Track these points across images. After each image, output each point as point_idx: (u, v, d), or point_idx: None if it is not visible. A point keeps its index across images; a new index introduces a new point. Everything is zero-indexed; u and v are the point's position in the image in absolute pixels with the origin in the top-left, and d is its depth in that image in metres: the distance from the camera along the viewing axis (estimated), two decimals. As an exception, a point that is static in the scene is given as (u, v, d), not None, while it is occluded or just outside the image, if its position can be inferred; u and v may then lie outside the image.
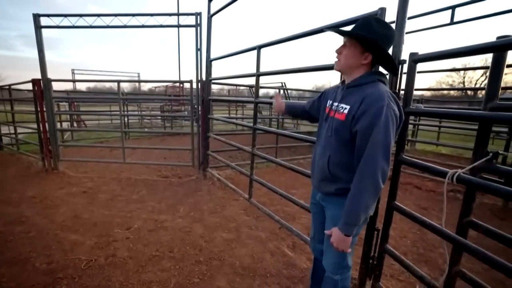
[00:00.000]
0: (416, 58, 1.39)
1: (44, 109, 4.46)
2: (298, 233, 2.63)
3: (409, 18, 1.47)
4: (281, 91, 10.97)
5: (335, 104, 1.32)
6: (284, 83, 11.33)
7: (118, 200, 3.71)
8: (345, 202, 1.22)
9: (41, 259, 2.38)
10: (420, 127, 7.93)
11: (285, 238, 2.79)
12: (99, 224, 3.03)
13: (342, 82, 1.37)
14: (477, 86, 24.03)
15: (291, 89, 11.00)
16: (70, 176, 4.60)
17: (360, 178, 1.16)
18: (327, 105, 1.39)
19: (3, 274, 2.18)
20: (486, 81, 1.22)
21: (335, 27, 1.55)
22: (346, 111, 1.22)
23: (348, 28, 1.34)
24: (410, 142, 7.31)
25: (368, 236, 1.74)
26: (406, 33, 1.53)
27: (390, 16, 1.54)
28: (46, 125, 4.54)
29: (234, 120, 4.44)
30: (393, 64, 1.25)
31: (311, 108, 1.66)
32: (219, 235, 2.83)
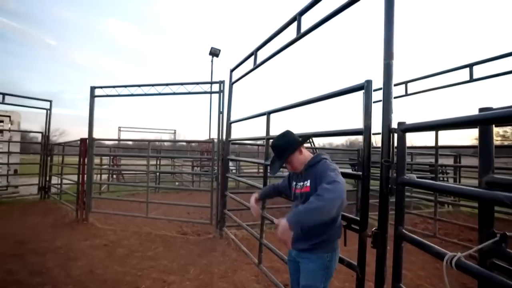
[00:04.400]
0: (404, 128, 1.38)
1: (86, 163, 5.02)
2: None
3: (396, 84, 1.50)
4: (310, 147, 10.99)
5: (300, 183, 1.71)
6: (312, 139, 11.40)
7: (134, 256, 3.74)
8: (304, 205, 1.40)
9: (47, 316, 2.40)
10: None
11: (295, 315, 2.48)
12: (110, 281, 3.03)
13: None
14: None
15: (319, 148, 10.97)
16: (97, 228, 4.84)
17: (323, 191, 1.36)
18: (293, 186, 1.81)
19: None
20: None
21: (281, 164, 1.78)
22: (308, 184, 1.62)
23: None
24: (452, 204, 6.53)
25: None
26: (395, 97, 1.55)
27: (377, 85, 1.60)
28: (85, 177, 5.04)
29: (245, 180, 4.46)
30: (304, 139, 1.82)
31: (281, 186, 2.02)
32: (224, 305, 2.63)
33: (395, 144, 1.45)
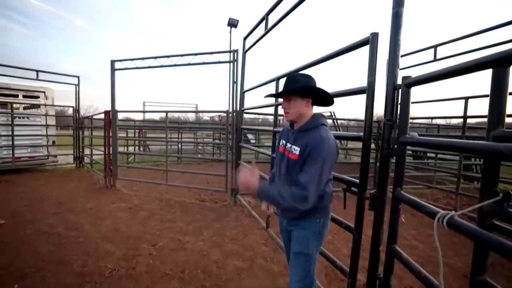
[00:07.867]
0: (408, 82, 1.26)
1: (111, 134, 5.32)
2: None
3: (422, 50, 1.35)
4: (332, 121, 10.67)
5: (289, 145, 1.55)
6: (333, 112, 10.98)
7: (154, 218, 4.04)
8: (273, 188, 1.41)
9: (79, 263, 2.73)
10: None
11: (300, 276, 2.57)
12: (132, 238, 3.33)
13: (291, 125, 1.59)
14: None
15: (341, 119, 10.61)
16: (123, 193, 5.24)
17: (290, 193, 1.32)
18: (281, 144, 1.63)
19: (50, 270, 2.58)
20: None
21: (278, 93, 1.66)
22: (297, 152, 1.46)
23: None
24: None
25: (369, 285, 1.49)
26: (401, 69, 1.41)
27: (384, 41, 1.45)
28: (111, 148, 5.38)
29: (257, 149, 4.48)
30: (328, 97, 1.51)
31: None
32: (232, 263, 2.79)
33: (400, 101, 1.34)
